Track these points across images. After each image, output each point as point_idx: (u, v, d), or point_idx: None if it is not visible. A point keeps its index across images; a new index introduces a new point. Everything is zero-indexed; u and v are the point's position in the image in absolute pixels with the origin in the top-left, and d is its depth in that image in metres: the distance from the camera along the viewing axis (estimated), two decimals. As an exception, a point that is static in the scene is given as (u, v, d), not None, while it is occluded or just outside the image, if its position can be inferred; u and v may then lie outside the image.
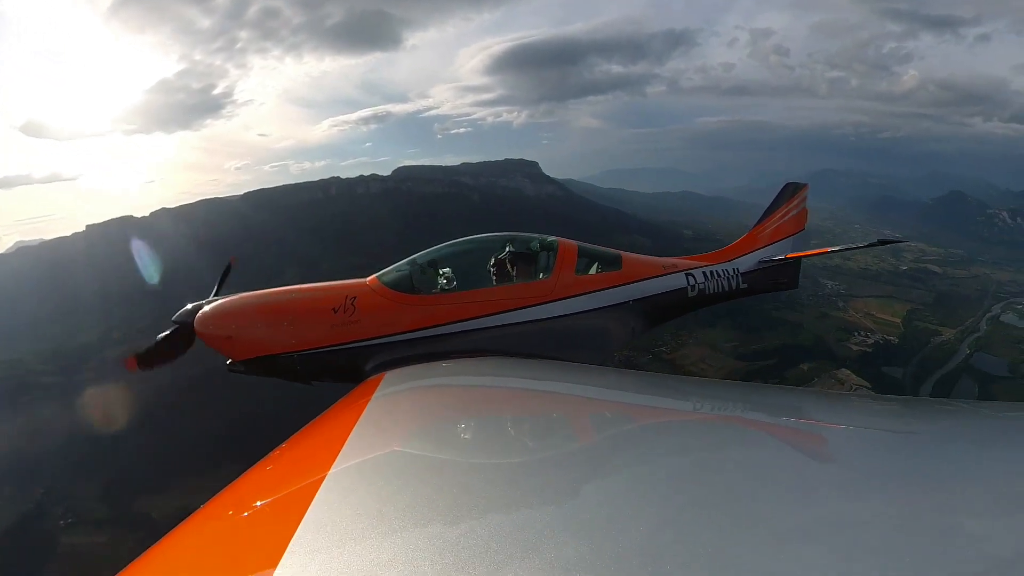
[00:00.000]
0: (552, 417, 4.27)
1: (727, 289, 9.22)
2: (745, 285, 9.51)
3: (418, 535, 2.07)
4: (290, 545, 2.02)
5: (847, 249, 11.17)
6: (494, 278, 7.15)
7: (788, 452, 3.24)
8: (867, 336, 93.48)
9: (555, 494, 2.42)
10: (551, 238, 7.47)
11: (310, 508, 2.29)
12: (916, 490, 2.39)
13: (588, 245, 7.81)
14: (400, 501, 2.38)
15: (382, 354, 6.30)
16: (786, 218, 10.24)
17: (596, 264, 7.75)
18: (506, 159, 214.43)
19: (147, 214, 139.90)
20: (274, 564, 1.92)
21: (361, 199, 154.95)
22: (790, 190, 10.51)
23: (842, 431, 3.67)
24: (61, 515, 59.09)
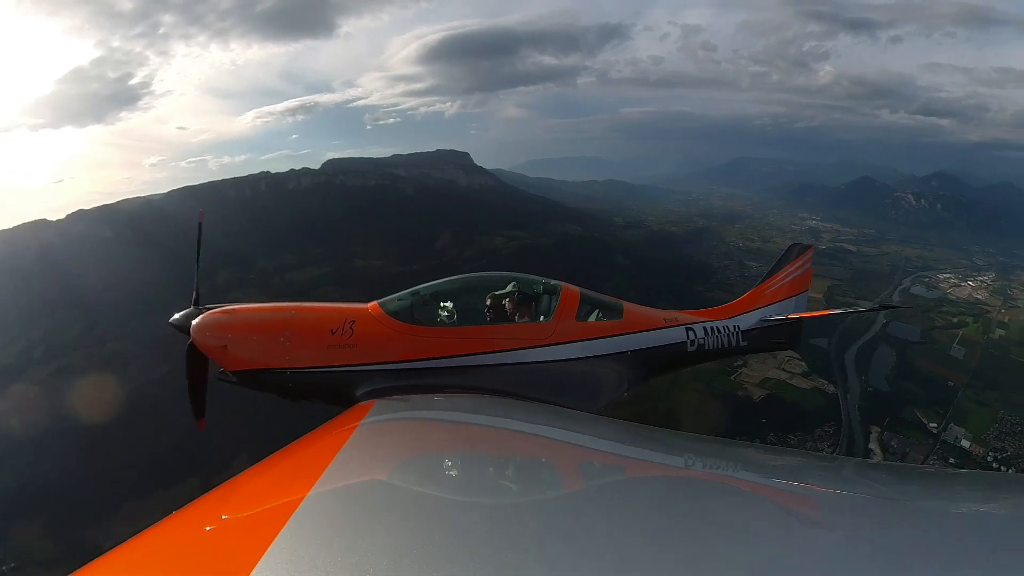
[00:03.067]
0: (538, 462, 4.28)
1: (727, 346, 9.17)
2: (745, 343, 9.46)
3: (389, 567, 2.06)
4: (258, 565, 2.01)
5: (850, 312, 11.94)
6: (494, 316, 7.19)
7: (768, 512, 3.31)
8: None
9: (529, 540, 2.45)
10: (554, 282, 7.48)
11: (283, 529, 2.30)
12: (897, 557, 2.43)
13: (591, 292, 7.83)
14: (374, 533, 2.45)
15: (375, 381, 6.29)
16: (789, 278, 10.19)
17: (597, 311, 7.74)
18: (437, 150, 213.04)
19: (63, 216, 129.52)
20: None
21: (293, 194, 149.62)
22: (795, 251, 10.48)
23: (823, 494, 3.69)
24: (2, 560, 53.98)
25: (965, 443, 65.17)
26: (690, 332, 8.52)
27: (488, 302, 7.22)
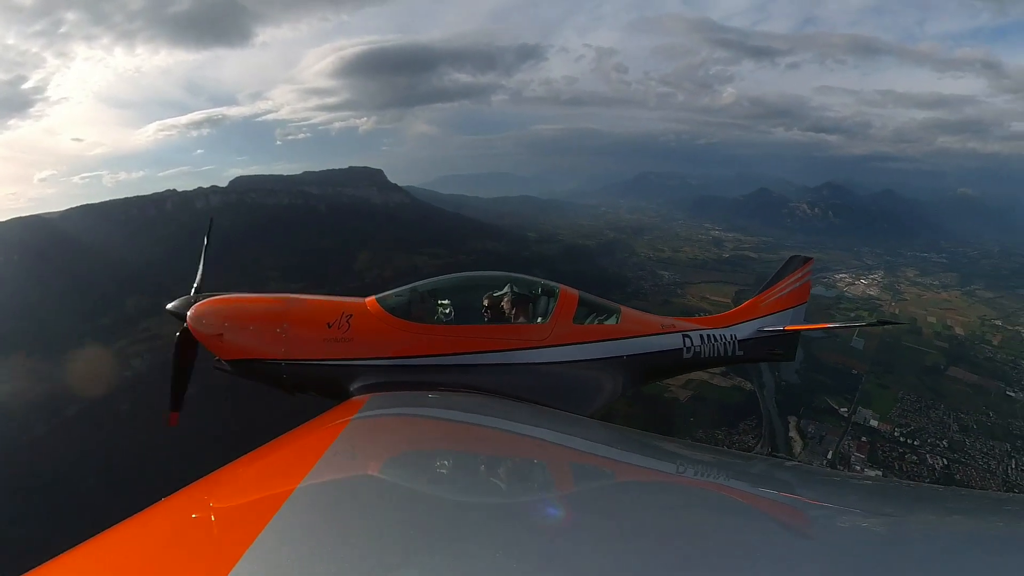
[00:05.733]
0: (527, 463, 4.29)
1: (723, 355, 9.14)
2: (741, 352, 9.42)
3: (375, 563, 2.10)
4: (244, 556, 2.00)
5: (846, 327, 12.11)
6: (491, 316, 7.15)
7: (748, 518, 3.30)
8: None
9: (515, 539, 2.49)
10: (553, 284, 7.46)
11: (271, 521, 2.29)
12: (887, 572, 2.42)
13: (589, 296, 7.81)
14: (362, 528, 2.48)
15: (370, 376, 6.27)
16: (788, 290, 10.16)
17: (595, 315, 7.75)
18: (350, 167, 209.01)
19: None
20: (227, 569, 1.90)
21: (202, 214, 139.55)
22: (795, 263, 10.45)
23: (805, 505, 3.66)
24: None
25: (874, 423, 71.13)
26: (687, 339, 8.55)
27: (486, 302, 7.20)
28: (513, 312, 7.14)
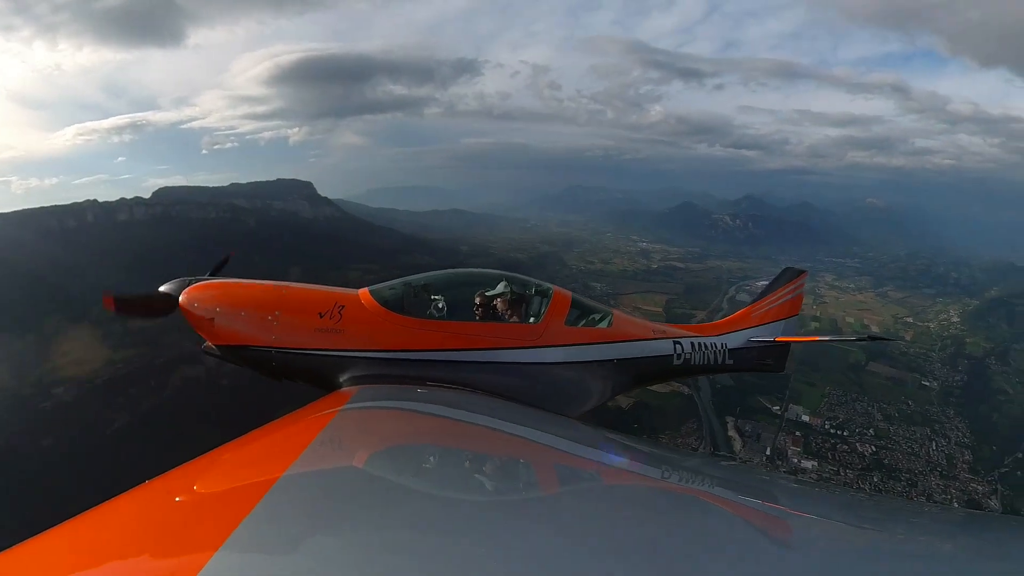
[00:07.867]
0: (510, 461, 4.30)
1: (713, 363, 9.24)
2: (731, 361, 9.54)
3: (357, 552, 2.15)
4: (229, 538, 2.01)
5: (836, 341, 12.57)
6: (484, 314, 7.17)
7: (738, 528, 3.29)
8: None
9: (494, 535, 2.51)
10: (547, 284, 7.55)
11: (257, 506, 2.30)
12: None
13: (582, 298, 7.92)
14: (347, 515, 2.53)
15: (359, 368, 6.32)
16: (780, 301, 10.28)
17: (587, 318, 7.80)
18: (278, 179, 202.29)
19: None
20: (207, 555, 1.90)
21: (125, 227, 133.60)
22: (788, 275, 10.59)
23: (786, 513, 3.69)
24: None
25: (805, 418, 75.50)
26: (678, 346, 8.65)
27: (478, 300, 7.23)
28: (506, 311, 7.24)
